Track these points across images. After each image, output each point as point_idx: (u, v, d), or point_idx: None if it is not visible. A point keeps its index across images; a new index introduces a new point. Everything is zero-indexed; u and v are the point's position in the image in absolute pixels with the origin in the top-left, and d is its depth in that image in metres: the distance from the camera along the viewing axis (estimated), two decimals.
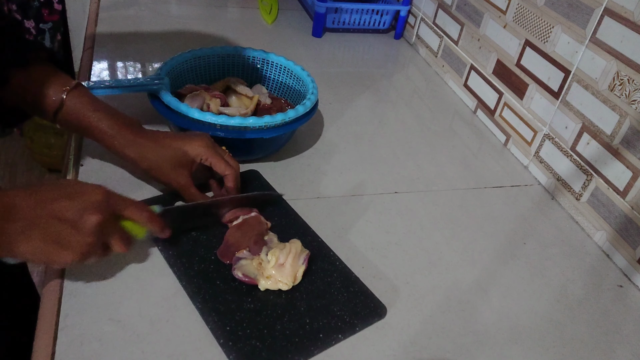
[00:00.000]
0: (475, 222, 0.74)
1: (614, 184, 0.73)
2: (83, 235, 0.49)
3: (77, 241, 0.49)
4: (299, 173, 0.76)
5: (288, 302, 0.55)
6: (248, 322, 0.53)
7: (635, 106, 0.69)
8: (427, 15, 1.19)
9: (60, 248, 0.48)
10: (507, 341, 0.58)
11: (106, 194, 0.51)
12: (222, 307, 0.54)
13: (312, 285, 0.58)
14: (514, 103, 0.91)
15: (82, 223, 0.48)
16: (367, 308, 0.56)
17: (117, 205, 0.52)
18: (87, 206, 0.49)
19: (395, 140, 0.89)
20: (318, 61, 1.12)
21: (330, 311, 0.55)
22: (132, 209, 0.53)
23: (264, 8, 1.29)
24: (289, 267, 0.56)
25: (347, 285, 0.58)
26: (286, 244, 0.58)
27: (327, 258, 0.61)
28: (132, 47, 1.02)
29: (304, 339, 0.52)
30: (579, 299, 0.65)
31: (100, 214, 0.49)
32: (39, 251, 0.48)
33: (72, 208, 0.48)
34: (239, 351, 0.50)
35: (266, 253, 0.57)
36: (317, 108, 0.78)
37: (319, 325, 0.54)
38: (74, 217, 0.48)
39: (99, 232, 0.50)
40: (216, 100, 0.76)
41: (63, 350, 0.49)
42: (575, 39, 0.78)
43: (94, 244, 0.50)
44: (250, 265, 0.57)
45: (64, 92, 0.61)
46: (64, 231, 0.48)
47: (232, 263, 0.58)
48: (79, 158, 0.71)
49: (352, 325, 0.54)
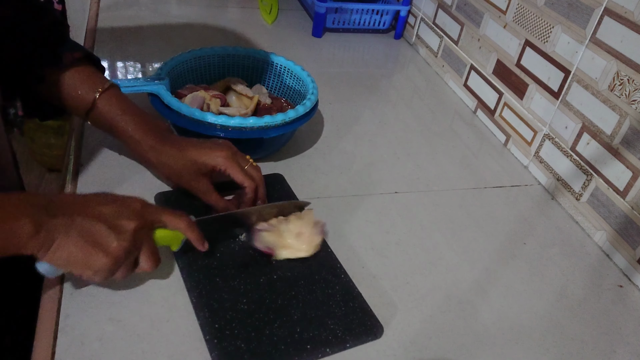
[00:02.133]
0: (475, 222, 0.74)
1: (614, 184, 0.73)
2: (120, 239, 0.49)
3: (113, 244, 0.49)
4: (299, 173, 0.76)
5: (282, 309, 0.55)
6: (238, 323, 0.52)
7: (635, 106, 0.69)
8: (427, 15, 1.19)
9: (96, 249, 0.48)
10: (507, 341, 0.58)
11: (144, 203, 0.52)
12: (216, 304, 0.54)
13: (311, 294, 0.57)
14: (514, 103, 0.92)
15: (120, 226, 0.49)
16: (362, 325, 0.55)
17: (155, 215, 0.53)
18: (126, 211, 0.50)
19: (395, 140, 0.89)
20: (318, 61, 1.12)
21: (324, 323, 0.54)
22: (170, 216, 0.54)
23: (264, 8, 1.29)
24: (307, 235, 0.59)
25: (347, 300, 0.57)
26: (302, 215, 0.62)
27: (332, 269, 0.60)
28: (132, 47, 1.02)
29: (290, 348, 0.51)
30: (579, 299, 0.65)
31: (138, 220, 0.50)
32: (76, 251, 0.47)
33: (111, 212, 0.49)
34: (222, 350, 0.50)
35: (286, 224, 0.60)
36: (317, 108, 0.78)
37: (308, 336, 0.52)
38: (112, 220, 0.49)
39: (135, 239, 0.50)
40: (216, 100, 0.76)
41: (63, 350, 0.49)
42: (575, 39, 0.78)
43: (129, 250, 0.50)
44: (270, 237, 0.59)
45: (96, 93, 0.62)
46: (102, 232, 0.48)
47: (253, 235, 0.60)
48: (79, 158, 0.71)
49: (343, 341, 0.53)
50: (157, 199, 0.66)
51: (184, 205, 0.65)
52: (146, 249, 0.52)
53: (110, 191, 0.66)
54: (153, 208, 0.53)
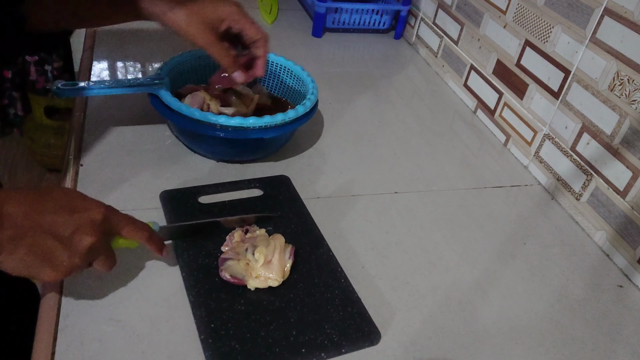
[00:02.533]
0: (475, 222, 0.74)
1: (614, 184, 0.73)
2: (72, 255, 0.46)
3: (63, 260, 0.46)
4: (299, 173, 0.76)
5: (280, 311, 0.54)
6: (234, 323, 0.52)
7: (635, 106, 0.69)
8: (427, 15, 1.19)
9: (45, 264, 0.45)
10: (507, 341, 0.58)
11: (105, 213, 0.49)
12: (213, 304, 0.54)
13: (309, 297, 0.56)
14: (514, 103, 0.91)
15: (74, 243, 0.46)
16: (359, 331, 0.54)
17: (115, 225, 0.50)
18: (83, 225, 0.46)
19: (395, 140, 0.89)
20: (318, 61, 1.12)
21: (320, 327, 0.53)
22: (130, 229, 0.51)
23: (264, 8, 1.29)
24: (276, 263, 0.56)
25: (346, 305, 0.56)
26: (270, 240, 0.58)
27: (333, 273, 0.60)
28: (132, 47, 1.02)
29: (284, 351, 0.51)
30: (579, 299, 0.65)
31: (95, 235, 0.47)
32: (22, 264, 0.45)
33: (66, 225, 0.46)
34: (216, 350, 0.50)
35: (252, 252, 0.56)
36: (317, 108, 0.78)
37: (304, 340, 0.52)
38: (66, 235, 0.46)
39: (88, 254, 0.47)
40: (216, 100, 0.76)
41: (63, 350, 0.49)
42: (575, 39, 0.78)
43: (80, 266, 0.47)
44: (237, 266, 0.56)
45: None
46: (53, 247, 0.45)
47: (219, 264, 0.57)
48: (79, 158, 0.71)
49: (339, 346, 0.52)
50: (161, 197, 0.67)
51: (187, 203, 0.65)
52: (102, 256, 0.49)
53: (110, 191, 0.67)
54: (115, 219, 0.50)
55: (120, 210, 0.51)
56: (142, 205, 0.66)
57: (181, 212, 0.65)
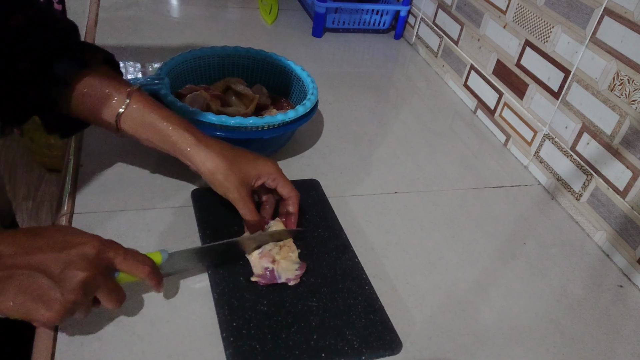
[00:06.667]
0: (475, 222, 0.74)
1: (614, 184, 0.73)
2: (65, 292, 0.44)
3: (57, 299, 0.44)
4: (299, 173, 0.76)
5: (302, 314, 0.54)
6: (255, 323, 0.52)
7: (635, 106, 0.69)
8: (427, 15, 1.19)
9: (38, 303, 0.44)
10: (507, 341, 0.58)
11: (100, 247, 0.47)
12: (237, 302, 0.54)
13: (332, 302, 0.56)
14: (514, 103, 0.92)
15: (66, 279, 0.44)
16: (380, 339, 0.53)
17: (111, 259, 0.48)
18: (75, 260, 0.44)
19: (395, 140, 0.89)
20: (318, 61, 1.12)
21: (342, 333, 0.53)
22: (129, 263, 0.49)
23: (264, 8, 1.29)
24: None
25: (368, 312, 0.56)
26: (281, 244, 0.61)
27: (357, 280, 0.59)
28: (132, 47, 1.02)
29: (304, 354, 0.51)
30: (579, 299, 0.65)
31: (88, 270, 0.45)
32: (15, 304, 0.43)
33: (57, 261, 0.44)
34: (237, 349, 0.50)
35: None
36: (317, 108, 0.78)
37: (324, 344, 0.52)
38: (58, 270, 0.44)
39: (84, 290, 0.45)
40: (216, 100, 0.76)
41: (63, 350, 0.49)
42: (575, 39, 0.78)
43: (77, 303, 0.45)
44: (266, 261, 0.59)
45: (127, 94, 0.58)
46: (45, 285, 0.43)
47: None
48: (79, 158, 0.71)
49: (359, 353, 0.52)
50: (193, 196, 0.67)
51: (220, 203, 0.63)
52: (104, 290, 0.47)
53: (110, 191, 0.67)
54: (111, 252, 0.48)
55: (120, 210, 0.51)
56: (142, 205, 0.66)
57: (213, 210, 0.64)
